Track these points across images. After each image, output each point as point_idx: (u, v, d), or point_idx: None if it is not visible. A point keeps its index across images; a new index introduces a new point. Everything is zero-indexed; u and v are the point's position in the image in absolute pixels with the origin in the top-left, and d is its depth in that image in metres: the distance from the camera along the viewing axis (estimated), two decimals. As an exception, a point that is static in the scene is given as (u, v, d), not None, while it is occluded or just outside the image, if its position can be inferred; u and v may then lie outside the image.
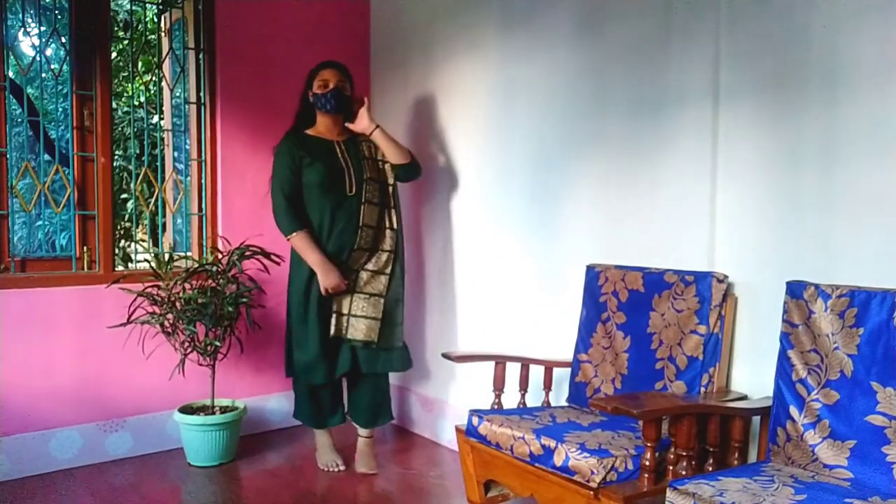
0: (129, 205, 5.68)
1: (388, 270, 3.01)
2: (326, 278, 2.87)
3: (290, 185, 2.90)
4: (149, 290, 3.01)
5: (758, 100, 2.16)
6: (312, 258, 2.88)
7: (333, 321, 2.93)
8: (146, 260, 3.33)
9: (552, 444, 1.99)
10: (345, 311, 2.95)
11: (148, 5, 3.77)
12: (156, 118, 4.18)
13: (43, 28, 3.18)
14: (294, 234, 2.88)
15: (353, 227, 2.94)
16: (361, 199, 2.97)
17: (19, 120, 3.78)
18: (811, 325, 1.91)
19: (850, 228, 1.95)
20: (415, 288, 3.63)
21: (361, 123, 3.01)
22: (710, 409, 1.95)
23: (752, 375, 2.19)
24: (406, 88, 3.65)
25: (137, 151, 3.64)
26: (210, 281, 3.08)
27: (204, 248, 3.47)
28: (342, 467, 3.04)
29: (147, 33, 4.91)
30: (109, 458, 3.15)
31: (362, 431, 3.12)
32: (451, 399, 3.42)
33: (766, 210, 2.14)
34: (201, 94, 3.47)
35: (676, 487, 1.67)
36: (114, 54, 5.22)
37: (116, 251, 3.42)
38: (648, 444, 1.85)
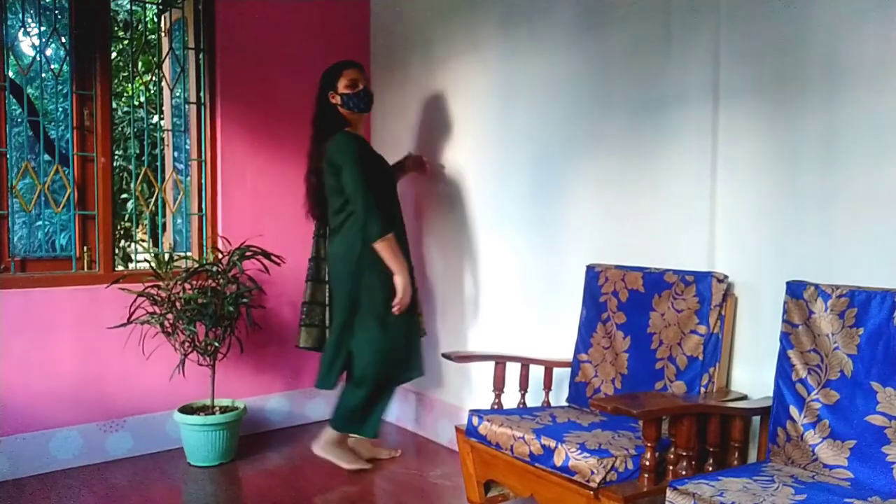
0: (129, 205, 5.68)
1: None
2: (408, 289, 2.89)
3: (372, 184, 2.87)
4: (149, 290, 3.01)
5: (758, 99, 2.16)
6: (401, 265, 2.88)
7: (421, 321, 3.16)
8: (146, 260, 3.33)
9: (552, 444, 1.99)
10: (420, 309, 3.16)
11: (148, 5, 3.77)
12: (156, 118, 4.18)
13: (43, 28, 3.18)
14: (388, 235, 2.84)
15: (402, 228, 3.09)
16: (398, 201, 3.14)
17: (19, 120, 3.78)
18: (811, 325, 1.91)
19: (850, 228, 1.95)
20: (415, 288, 3.63)
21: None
22: (710, 409, 1.95)
23: (752, 375, 2.19)
24: (406, 88, 3.65)
25: (137, 151, 3.64)
26: (210, 281, 3.08)
27: (204, 248, 3.47)
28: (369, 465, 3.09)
29: (147, 33, 4.91)
30: (109, 458, 3.15)
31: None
32: (451, 399, 3.42)
33: (766, 210, 2.14)
34: (201, 94, 3.47)
35: (676, 487, 1.67)
36: (114, 54, 5.22)
37: (116, 251, 3.41)
38: (648, 444, 1.85)
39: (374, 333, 2.90)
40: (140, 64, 4.71)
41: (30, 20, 3.37)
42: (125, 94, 6.30)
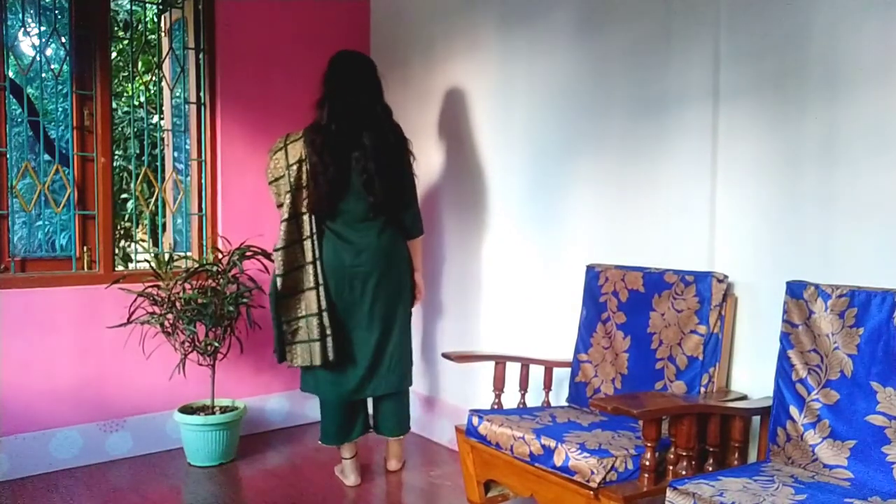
0: (129, 205, 5.68)
1: None
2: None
3: None
4: (149, 290, 3.01)
5: (758, 100, 2.16)
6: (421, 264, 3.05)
7: None
8: (146, 260, 3.33)
9: (552, 444, 1.99)
10: None
11: (148, 5, 3.77)
12: (156, 118, 4.18)
13: (43, 28, 3.18)
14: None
15: None
16: None
17: (19, 120, 3.78)
18: (811, 325, 1.91)
19: (850, 228, 1.95)
20: (415, 288, 3.63)
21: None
22: (710, 409, 1.95)
23: (752, 375, 2.19)
24: (406, 88, 3.64)
25: (137, 151, 3.64)
26: (210, 281, 3.08)
27: (204, 248, 3.47)
28: None
29: (147, 33, 4.91)
30: (109, 458, 3.15)
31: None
32: (451, 399, 3.42)
33: (766, 210, 2.14)
34: (201, 94, 3.47)
35: (676, 487, 1.67)
36: (114, 54, 5.22)
37: (116, 251, 3.42)
38: (648, 444, 1.85)
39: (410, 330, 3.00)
40: (140, 64, 4.71)
41: (30, 20, 3.37)
42: (125, 94, 6.30)
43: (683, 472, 1.86)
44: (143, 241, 6.07)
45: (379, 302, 2.82)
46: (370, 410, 3.01)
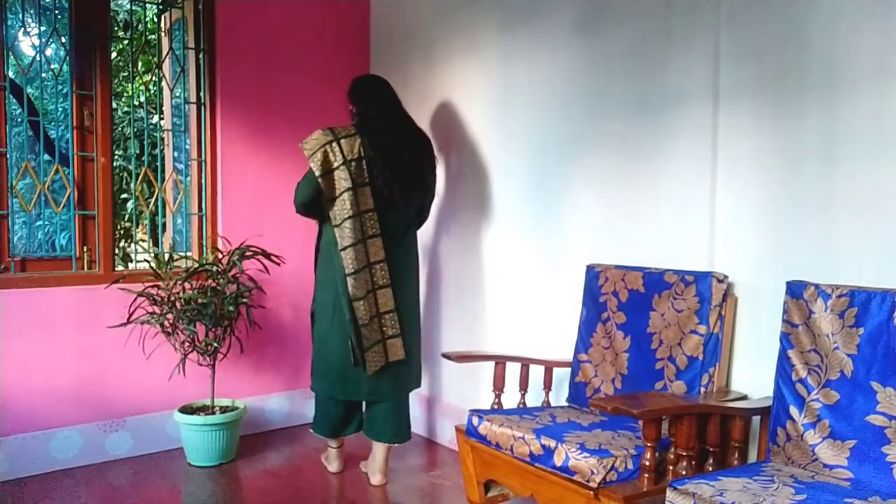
0: (129, 205, 5.68)
1: None
2: None
3: None
4: (149, 290, 3.01)
5: (758, 100, 2.16)
6: None
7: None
8: (146, 260, 3.33)
9: (552, 444, 1.99)
10: None
11: (148, 5, 3.77)
12: (156, 118, 4.18)
13: (43, 28, 3.18)
14: None
15: None
16: None
17: (19, 120, 3.78)
18: (811, 325, 1.91)
19: (850, 228, 1.95)
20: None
21: None
22: (710, 409, 1.95)
23: (752, 375, 2.19)
24: (406, 88, 3.64)
25: (137, 151, 3.64)
26: (210, 281, 3.08)
27: (204, 248, 3.47)
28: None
29: (147, 33, 4.92)
30: (109, 458, 3.15)
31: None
32: (451, 399, 3.42)
33: (766, 210, 2.14)
34: (201, 94, 3.47)
35: (676, 487, 1.67)
36: (114, 54, 5.22)
37: (116, 251, 3.41)
38: (648, 444, 1.85)
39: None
40: (140, 64, 4.71)
41: (30, 20, 3.36)
42: (125, 94, 6.30)
43: (683, 472, 1.86)
44: (143, 241, 6.07)
45: (411, 306, 2.95)
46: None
